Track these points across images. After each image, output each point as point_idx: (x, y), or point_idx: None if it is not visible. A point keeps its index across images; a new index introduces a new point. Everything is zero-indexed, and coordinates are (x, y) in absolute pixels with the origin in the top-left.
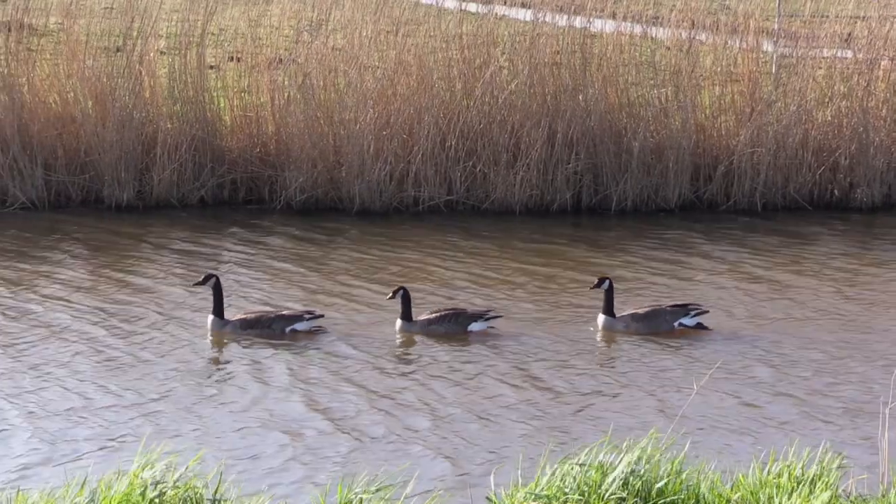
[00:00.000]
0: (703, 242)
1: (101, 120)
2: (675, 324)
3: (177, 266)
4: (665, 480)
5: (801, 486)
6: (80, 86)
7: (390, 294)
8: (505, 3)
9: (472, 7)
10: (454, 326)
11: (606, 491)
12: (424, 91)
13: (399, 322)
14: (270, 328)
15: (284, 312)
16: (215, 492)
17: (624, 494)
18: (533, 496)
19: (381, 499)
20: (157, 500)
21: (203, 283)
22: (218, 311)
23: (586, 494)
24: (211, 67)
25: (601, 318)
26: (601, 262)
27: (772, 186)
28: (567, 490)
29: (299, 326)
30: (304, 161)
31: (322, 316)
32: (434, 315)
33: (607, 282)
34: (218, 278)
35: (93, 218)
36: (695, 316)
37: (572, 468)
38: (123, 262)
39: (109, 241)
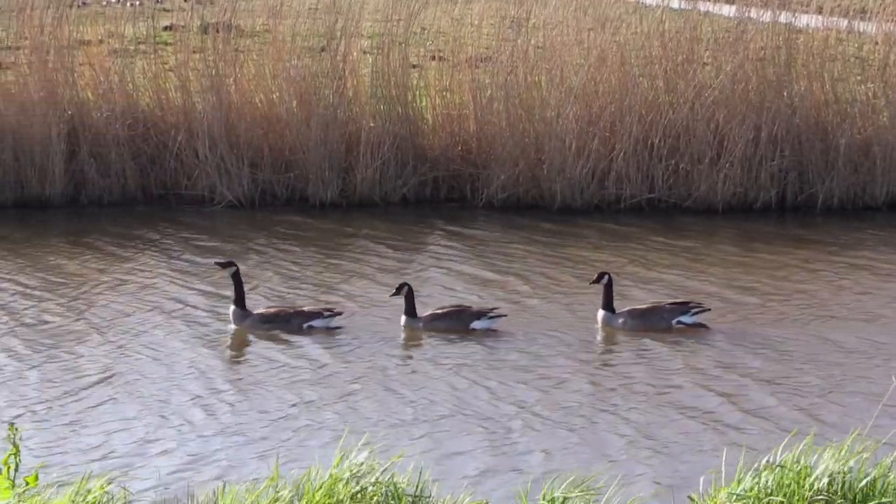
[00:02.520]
0: None
1: (305, 119)
2: (674, 322)
3: (382, 264)
4: (868, 479)
5: None
6: (285, 85)
7: (393, 291)
8: None
9: (675, 3)
10: (457, 324)
11: (810, 493)
12: (627, 88)
13: (403, 318)
14: (289, 323)
15: (304, 308)
16: (417, 488)
17: (828, 496)
18: (735, 496)
19: (584, 500)
20: (358, 496)
21: (224, 267)
22: (239, 301)
23: (788, 496)
24: (413, 66)
25: (601, 313)
26: (807, 261)
27: None
28: (769, 491)
29: (317, 323)
30: (505, 159)
31: (341, 314)
32: (438, 311)
33: (607, 276)
34: (237, 267)
35: (298, 216)
36: (695, 314)
37: (773, 469)
38: (329, 260)
39: (315, 239)
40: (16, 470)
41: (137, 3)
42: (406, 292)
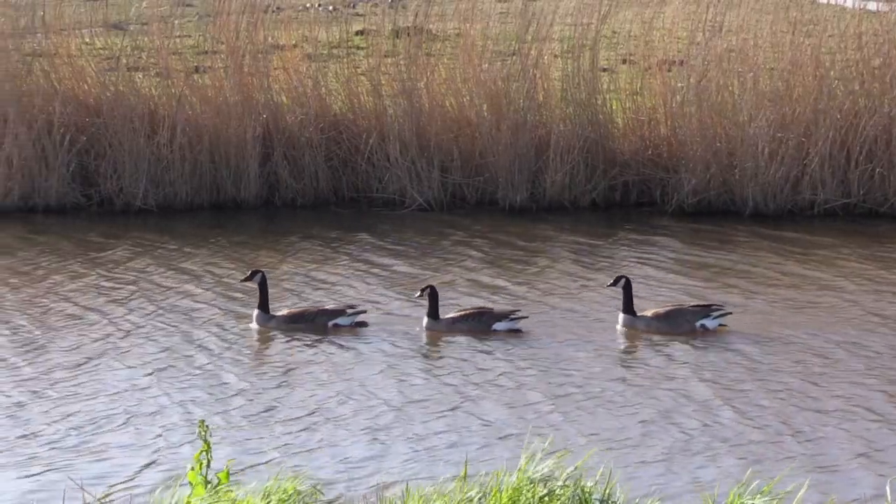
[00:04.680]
0: None
1: (495, 123)
2: (697, 324)
3: (572, 268)
4: None
5: None
6: (475, 89)
7: (419, 293)
8: None
9: (872, 6)
10: (478, 325)
11: None
12: (822, 92)
13: (425, 320)
14: (314, 322)
15: (327, 307)
16: (605, 491)
17: None
18: None
19: None
20: (546, 498)
21: (250, 278)
22: (263, 305)
23: None
24: (604, 70)
25: (622, 316)
26: None
27: None
28: None
29: (341, 321)
30: (697, 163)
31: (365, 311)
32: (459, 314)
33: (624, 279)
34: (264, 274)
35: (487, 219)
36: (717, 317)
37: None
38: (519, 264)
39: (505, 243)
40: (207, 466)
41: (331, 7)
42: (430, 294)
